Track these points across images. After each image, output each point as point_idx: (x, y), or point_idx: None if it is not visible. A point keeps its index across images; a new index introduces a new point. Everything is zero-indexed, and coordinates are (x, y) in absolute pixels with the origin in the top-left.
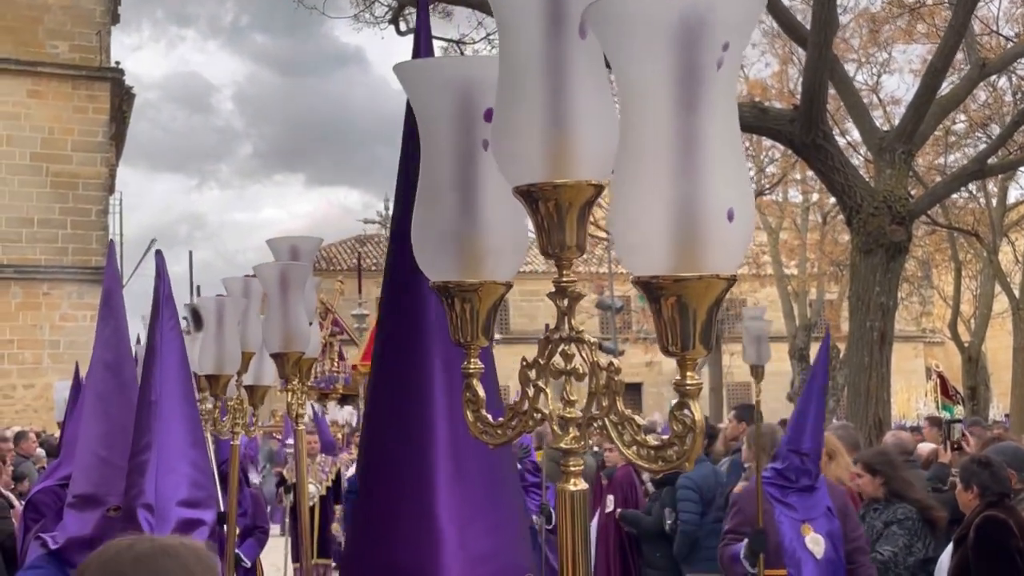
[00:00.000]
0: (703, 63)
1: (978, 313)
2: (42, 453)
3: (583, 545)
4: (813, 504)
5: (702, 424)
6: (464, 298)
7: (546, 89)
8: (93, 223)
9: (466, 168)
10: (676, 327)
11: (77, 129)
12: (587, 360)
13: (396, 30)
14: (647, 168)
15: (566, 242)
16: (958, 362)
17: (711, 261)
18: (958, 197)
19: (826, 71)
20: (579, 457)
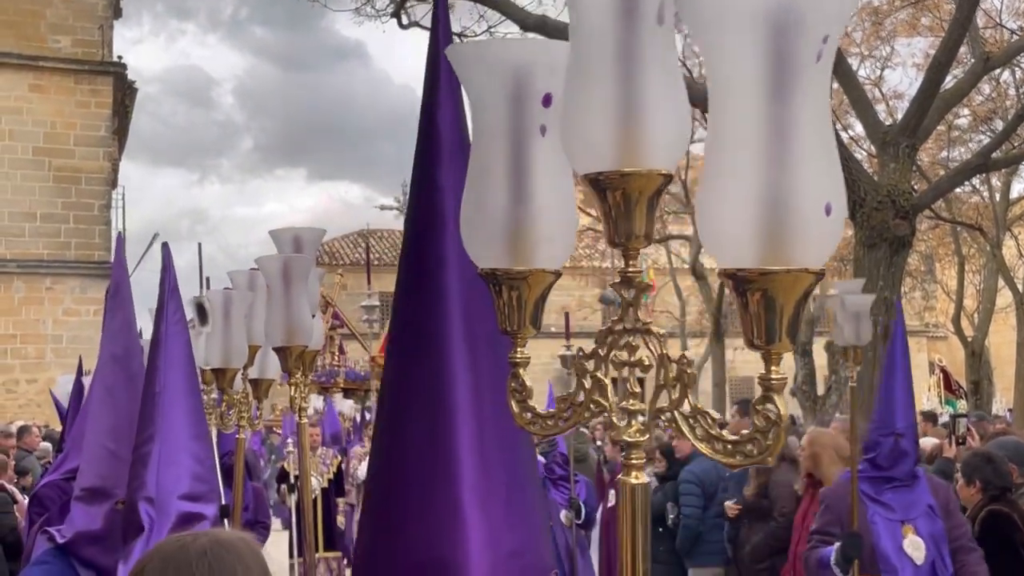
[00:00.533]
0: (802, 55)
1: (981, 308)
2: (47, 447)
3: (644, 538)
4: (912, 502)
5: (786, 419)
6: (512, 286)
7: (618, 76)
8: (96, 218)
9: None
10: (762, 320)
11: (79, 123)
12: (655, 352)
13: (398, 23)
14: (740, 160)
15: (634, 231)
16: (961, 357)
17: (802, 255)
18: (961, 191)
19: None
20: (642, 450)
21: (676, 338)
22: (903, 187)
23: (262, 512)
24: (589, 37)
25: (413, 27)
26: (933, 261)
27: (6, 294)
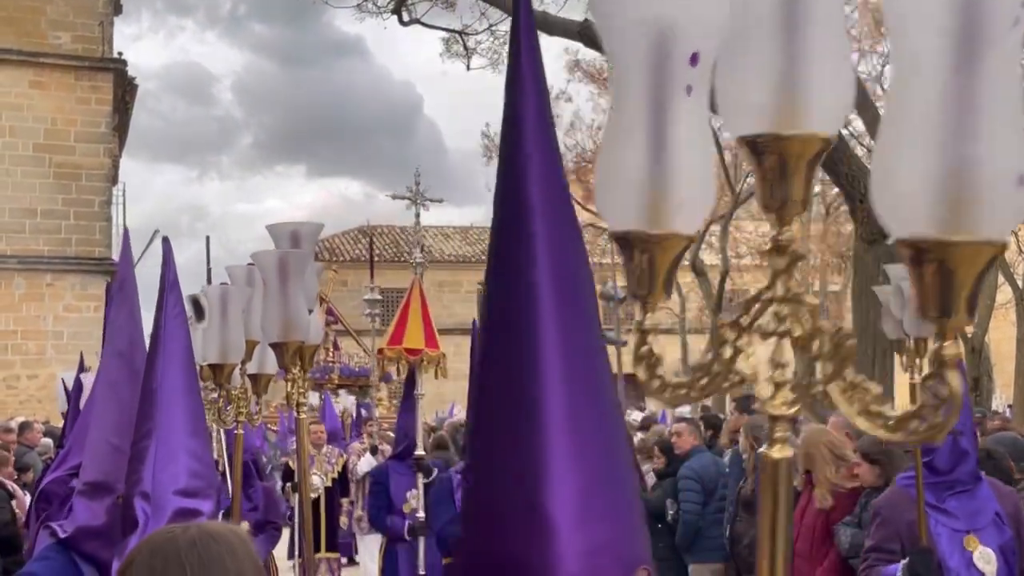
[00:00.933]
0: (997, 20)
1: (981, 304)
2: (48, 443)
3: (786, 515)
4: (978, 509)
5: (959, 397)
6: (644, 249)
7: (779, 36)
8: (96, 214)
9: (663, 113)
10: (938, 293)
11: (80, 120)
12: (807, 322)
13: (399, 20)
14: (925, 130)
15: (790, 196)
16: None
17: (987, 226)
18: None
19: None
20: (786, 423)
21: (676, 334)
22: None
23: (273, 512)
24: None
25: (414, 24)
26: None
27: (7, 290)
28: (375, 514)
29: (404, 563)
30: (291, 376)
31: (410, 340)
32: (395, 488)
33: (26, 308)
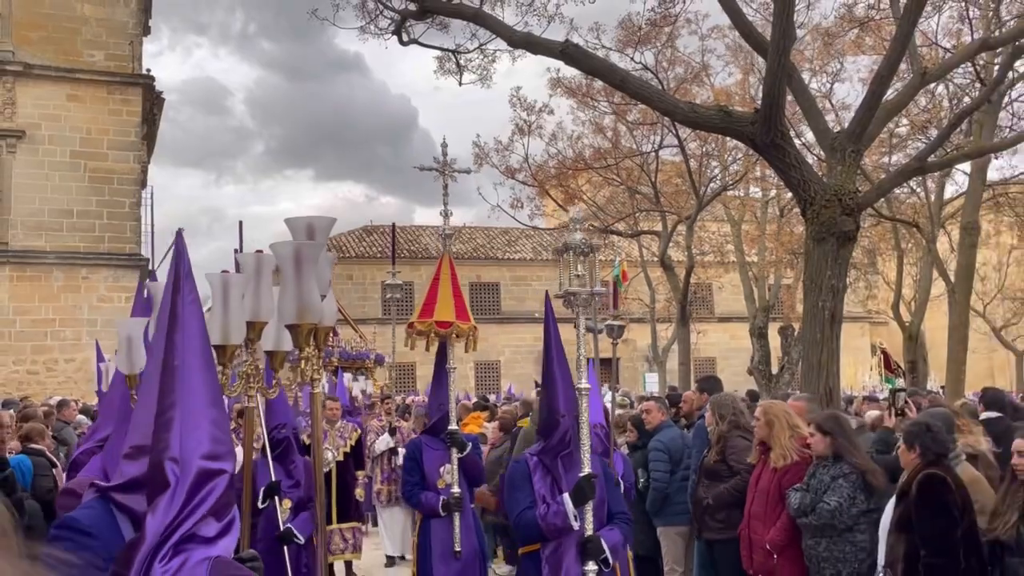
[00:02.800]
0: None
1: (918, 296)
2: (83, 419)
3: None
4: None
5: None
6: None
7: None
8: (127, 214)
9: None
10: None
11: (112, 130)
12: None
13: (399, 41)
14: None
15: None
16: (900, 340)
17: None
18: (901, 192)
19: (784, 78)
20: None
21: (647, 323)
22: (849, 187)
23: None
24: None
25: (412, 43)
26: (875, 255)
27: (46, 283)
28: (409, 490)
29: (439, 540)
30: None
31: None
32: (428, 463)
33: (63, 299)
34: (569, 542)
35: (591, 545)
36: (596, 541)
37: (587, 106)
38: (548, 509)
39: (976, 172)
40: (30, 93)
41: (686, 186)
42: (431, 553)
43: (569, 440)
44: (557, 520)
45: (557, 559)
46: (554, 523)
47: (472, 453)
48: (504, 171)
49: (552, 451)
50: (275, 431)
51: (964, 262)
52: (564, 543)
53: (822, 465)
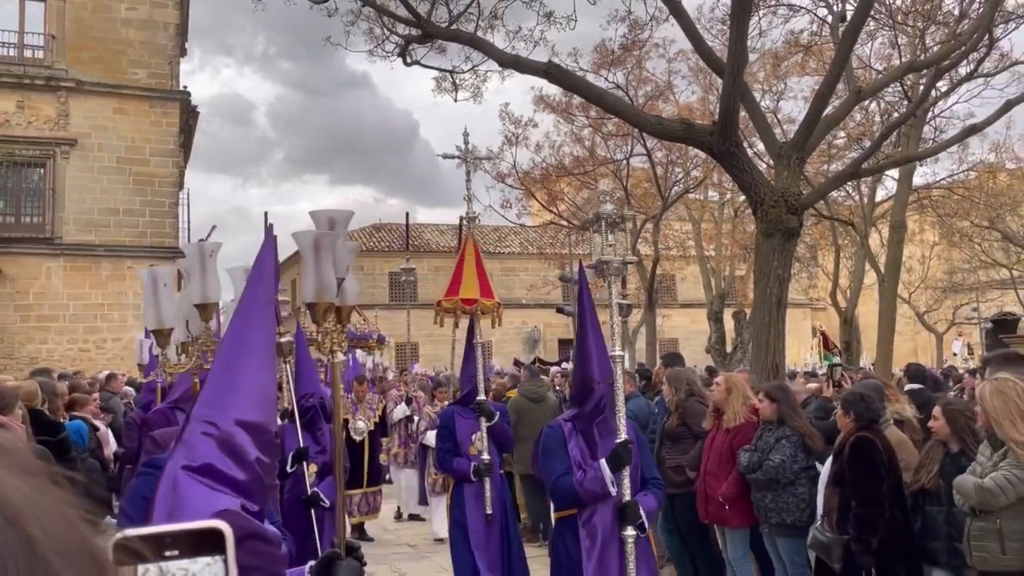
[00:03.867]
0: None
1: (852, 285)
2: (129, 391)
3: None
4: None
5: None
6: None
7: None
8: (166, 212)
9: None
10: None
11: (153, 139)
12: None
13: (404, 62)
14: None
15: None
16: (837, 323)
17: None
18: (838, 195)
19: (738, 95)
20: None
21: None
22: (793, 190)
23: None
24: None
25: (415, 64)
26: (816, 250)
27: (96, 272)
28: (443, 457)
29: (472, 504)
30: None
31: (466, 291)
32: (461, 431)
33: (111, 286)
34: (606, 507)
35: (629, 510)
36: (634, 506)
37: (567, 120)
38: (585, 475)
39: (904, 177)
40: (82, 106)
41: (653, 189)
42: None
43: (603, 406)
44: (595, 486)
45: (594, 524)
46: (591, 489)
47: (500, 422)
48: (495, 176)
49: (586, 417)
50: (303, 400)
51: (892, 256)
52: (601, 508)
53: (768, 428)
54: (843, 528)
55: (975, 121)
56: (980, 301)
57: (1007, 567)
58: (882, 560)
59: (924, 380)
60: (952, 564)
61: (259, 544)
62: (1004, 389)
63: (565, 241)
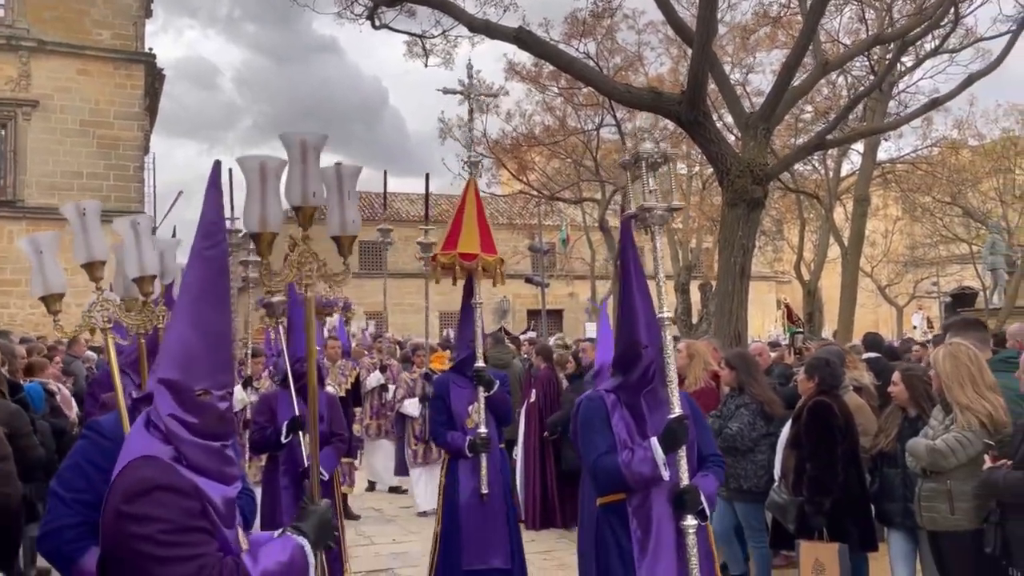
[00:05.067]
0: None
1: (816, 258)
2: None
3: None
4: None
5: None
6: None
7: None
8: (131, 176)
9: None
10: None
11: (118, 101)
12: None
13: (372, 25)
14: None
15: None
16: (801, 296)
17: None
18: (805, 169)
19: (707, 64)
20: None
21: (587, 279)
22: (759, 160)
23: (337, 422)
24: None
25: (383, 28)
26: (782, 224)
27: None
28: (436, 430)
29: (466, 482)
30: (265, 265)
31: (465, 244)
32: (456, 402)
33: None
34: (660, 492)
35: (688, 496)
36: (693, 492)
37: (538, 89)
38: (633, 455)
39: (868, 152)
40: (44, 67)
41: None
42: (458, 495)
43: (652, 375)
44: (644, 468)
45: (646, 512)
46: (640, 472)
47: (500, 391)
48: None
49: (632, 388)
50: (298, 364)
51: (856, 229)
52: (654, 494)
53: (731, 396)
54: (799, 490)
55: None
56: (940, 275)
57: (956, 526)
58: (834, 521)
59: (881, 349)
60: (906, 525)
61: (168, 496)
62: (956, 354)
63: (535, 211)
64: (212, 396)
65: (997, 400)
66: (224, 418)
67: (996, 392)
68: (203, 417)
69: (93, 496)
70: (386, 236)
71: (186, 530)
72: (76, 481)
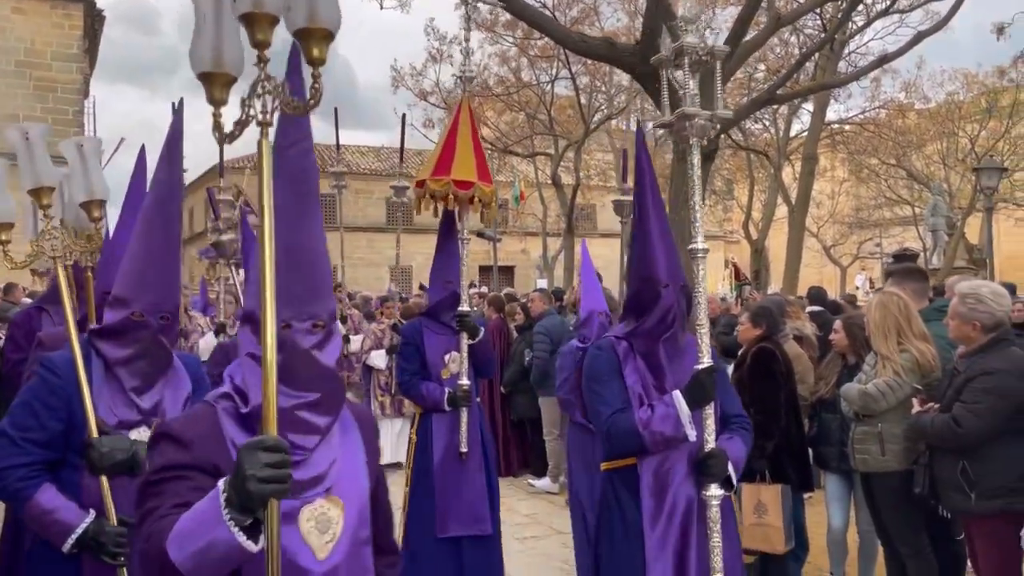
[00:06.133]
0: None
1: (764, 217)
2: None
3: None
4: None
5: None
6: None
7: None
8: (70, 121)
9: None
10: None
11: (55, 42)
12: None
13: None
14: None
15: None
16: (749, 255)
17: None
18: (755, 126)
19: (661, 15)
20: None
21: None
22: None
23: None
24: None
25: None
26: (732, 184)
27: None
28: (407, 380)
29: (440, 439)
30: (217, 112)
31: (460, 170)
32: (431, 350)
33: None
34: (678, 456)
35: (714, 462)
36: (720, 457)
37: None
38: (653, 412)
39: (817, 111)
40: None
41: (576, 116)
42: (431, 454)
43: (673, 319)
44: (666, 427)
45: (662, 479)
46: (661, 431)
47: (484, 339)
48: (418, 94)
49: (649, 334)
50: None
51: (803, 187)
52: (672, 458)
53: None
54: None
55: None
56: (883, 237)
57: (886, 467)
58: (775, 464)
59: (824, 303)
60: (842, 468)
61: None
62: (887, 302)
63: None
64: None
65: (926, 347)
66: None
67: (926, 340)
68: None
69: (43, 435)
70: (340, 180)
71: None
72: (26, 420)
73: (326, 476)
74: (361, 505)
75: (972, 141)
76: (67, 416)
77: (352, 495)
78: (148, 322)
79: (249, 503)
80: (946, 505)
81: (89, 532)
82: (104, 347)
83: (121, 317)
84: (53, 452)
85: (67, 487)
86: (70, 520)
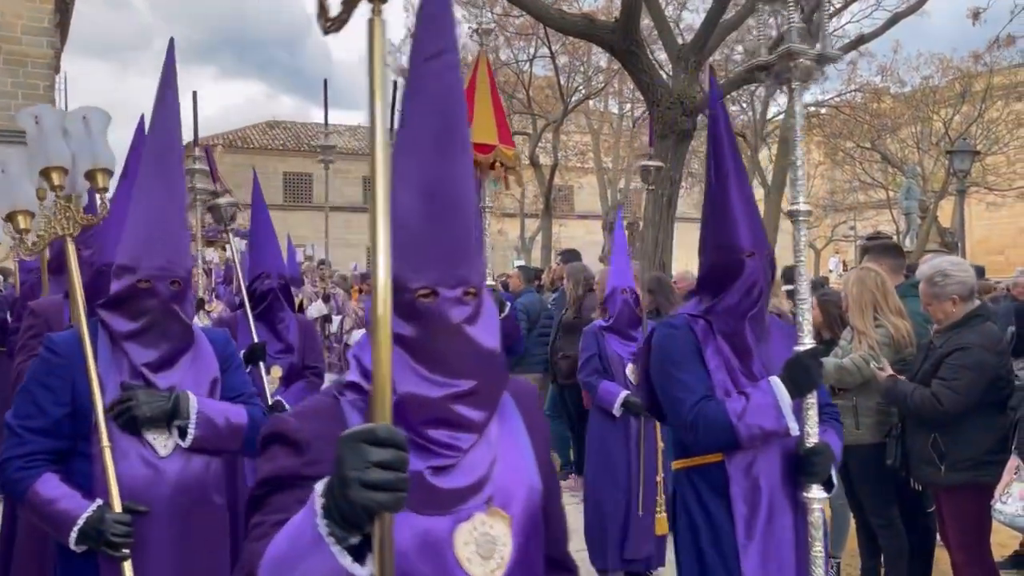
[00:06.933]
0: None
1: None
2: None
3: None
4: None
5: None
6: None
7: None
8: (41, 96)
9: None
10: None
11: (25, 15)
12: None
13: None
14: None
15: None
16: None
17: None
18: (733, 108)
19: None
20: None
21: (516, 217)
22: (690, 93)
23: (312, 354)
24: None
25: None
26: None
27: None
28: None
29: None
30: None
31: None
32: None
33: None
34: (770, 453)
35: (818, 459)
36: (826, 453)
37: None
38: (748, 402)
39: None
40: None
41: (554, 96)
42: None
43: (760, 294)
44: (763, 419)
45: (754, 481)
46: (757, 424)
47: (511, 315)
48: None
49: (731, 311)
50: (257, 282)
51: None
52: (764, 456)
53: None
54: None
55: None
56: (857, 220)
57: (859, 440)
58: None
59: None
60: None
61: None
62: (864, 278)
63: None
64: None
65: (901, 323)
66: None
67: (902, 316)
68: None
69: (44, 421)
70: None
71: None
72: (26, 407)
73: (486, 482)
74: (532, 514)
75: (946, 125)
76: (71, 399)
77: (520, 503)
78: (157, 289)
79: (352, 516)
80: (917, 477)
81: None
82: (110, 319)
83: (127, 285)
84: (58, 440)
85: (78, 478)
86: (71, 509)
